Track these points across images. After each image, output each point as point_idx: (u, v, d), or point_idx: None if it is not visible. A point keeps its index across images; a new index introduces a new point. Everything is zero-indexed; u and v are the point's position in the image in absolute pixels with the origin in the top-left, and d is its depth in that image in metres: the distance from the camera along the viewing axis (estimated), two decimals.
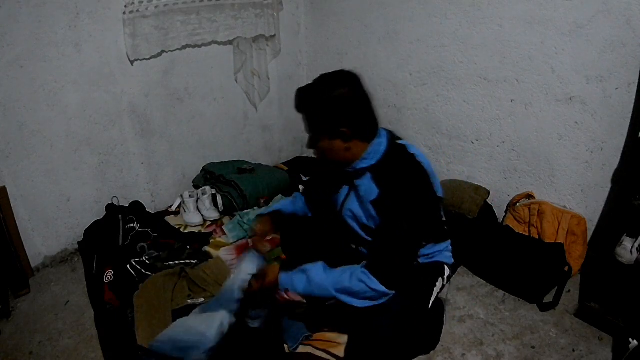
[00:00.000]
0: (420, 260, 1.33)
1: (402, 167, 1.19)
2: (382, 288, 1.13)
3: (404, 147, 1.23)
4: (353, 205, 1.28)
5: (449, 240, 1.37)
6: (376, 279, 1.12)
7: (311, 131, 1.20)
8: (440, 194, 1.24)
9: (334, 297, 1.17)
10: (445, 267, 1.37)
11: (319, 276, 1.19)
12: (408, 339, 1.32)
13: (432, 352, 1.46)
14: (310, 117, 1.18)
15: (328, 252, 1.40)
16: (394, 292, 1.15)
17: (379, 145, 1.20)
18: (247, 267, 1.31)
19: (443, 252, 1.36)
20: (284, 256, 1.56)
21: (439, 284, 1.34)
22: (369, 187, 1.20)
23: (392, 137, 1.26)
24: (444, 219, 1.36)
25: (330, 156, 1.22)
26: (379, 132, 1.23)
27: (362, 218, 1.25)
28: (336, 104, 1.13)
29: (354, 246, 1.37)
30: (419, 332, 1.41)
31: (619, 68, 1.57)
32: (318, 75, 1.20)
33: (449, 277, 1.42)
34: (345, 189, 1.32)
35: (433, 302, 1.36)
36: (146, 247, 1.85)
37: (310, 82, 1.21)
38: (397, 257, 1.16)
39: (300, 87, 1.19)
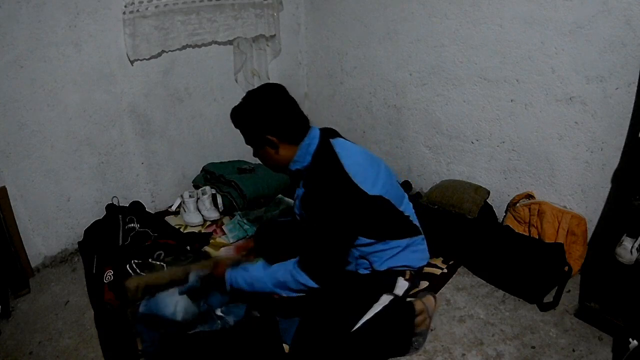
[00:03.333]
0: (374, 258, 1.37)
1: (321, 166, 1.29)
2: (310, 283, 1.25)
3: (330, 147, 1.31)
4: (296, 204, 1.41)
5: (419, 237, 1.41)
6: (305, 273, 1.24)
7: (247, 143, 1.35)
8: (375, 191, 1.27)
9: (273, 291, 1.30)
10: (400, 279, 1.39)
11: (258, 272, 1.33)
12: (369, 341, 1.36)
13: (432, 352, 1.46)
14: (242, 132, 1.33)
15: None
16: (319, 286, 1.26)
17: (307, 146, 1.30)
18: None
19: (405, 250, 1.39)
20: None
21: (383, 299, 1.36)
22: (301, 186, 1.35)
23: (325, 136, 1.34)
24: (406, 214, 1.40)
25: (266, 162, 1.36)
26: (310, 133, 1.31)
27: (302, 215, 1.36)
28: (258, 115, 1.26)
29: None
30: (384, 335, 1.41)
31: (619, 68, 1.57)
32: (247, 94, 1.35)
33: (412, 280, 1.44)
34: (298, 190, 1.43)
35: (402, 304, 1.40)
36: (162, 254, 1.84)
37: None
38: (324, 253, 1.26)
39: (234, 107, 1.33)
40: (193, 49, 2.18)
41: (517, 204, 1.94)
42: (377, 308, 1.35)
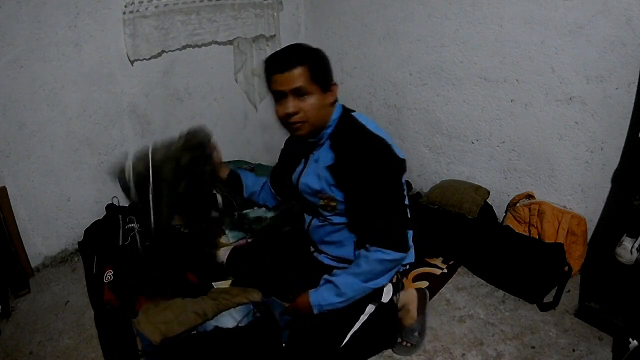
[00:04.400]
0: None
1: (351, 132, 1.22)
2: (393, 255, 1.17)
3: (352, 116, 1.27)
4: (308, 178, 1.29)
5: (402, 254, 1.22)
6: (390, 249, 1.16)
7: (309, 83, 1.15)
8: (401, 155, 1.23)
9: (366, 289, 1.21)
10: (388, 285, 1.32)
11: (343, 278, 1.21)
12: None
13: (432, 352, 1.46)
14: (312, 68, 1.15)
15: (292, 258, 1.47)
16: (404, 253, 1.20)
17: (336, 112, 1.25)
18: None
19: None
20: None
21: (369, 309, 1.31)
22: (325, 153, 1.24)
23: (345, 107, 1.31)
24: (406, 201, 1.29)
25: (316, 114, 1.19)
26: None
27: (325, 189, 1.25)
28: (326, 59, 1.21)
29: (320, 219, 1.35)
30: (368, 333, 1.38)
31: (619, 68, 1.57)
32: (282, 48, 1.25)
33: (398, 283, 1.38)
34: (301, 164, 1.34)
35: (386, 303, 1.35)
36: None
37: None
38: (389, 219, 1.18)
39: (277, 52, 1.22)
40: (193, 49, 2.18)
41: (517, 204, 1.94)
42: (363, 319, 1.31)
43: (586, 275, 1.76)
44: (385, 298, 1.34)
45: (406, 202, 1.31)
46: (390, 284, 1.35)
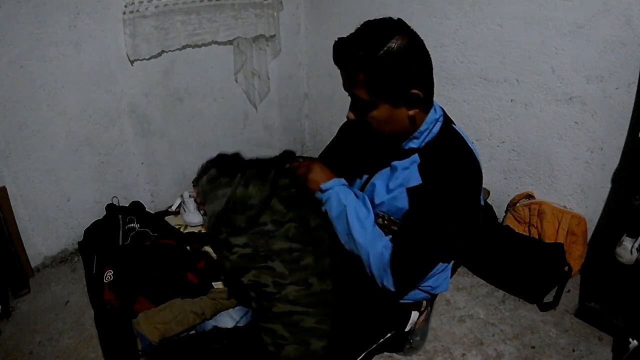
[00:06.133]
0: None
1: (455, 158, 0.95)
2: (389, 284, 0.93)
3: (458, 134, 0.99)
4: (377, 185, 1.03)
5: (452, 262, 1.09)
6: (392, 276, 0.92)
7: (370, 95, 0.89)
8: (482, 201, 1.02)
9: (352, 235, 0.96)
10: (414, 314, 1.18)
11: (364, 210, 0.97)
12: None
13: (432, 352, 1.46)
14: (373, 77, 0.87)
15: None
16: (396, 293, 0.96)
17: (433, 122, 0.97)
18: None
19: (439, 274, 1.09)
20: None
21: (389, 334, 1.19)
22: (411, 173, 0.96)
23: (447, 116, 1.03)
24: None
25: (386, 128, 0.94)
26: (434, 105, 0.99)
27: (390, 210, 1.00)
28: (405, 58, 0.87)
29: None
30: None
31: (619, 68, 1.57)
32: (361, 25, 0.97)
33: (426, 309, 1.23)
34: (378, 166, 1.05)
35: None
36: None
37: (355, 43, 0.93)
38: (420, 261, 0.95)
39: (344, 39, 0.92)
40: (193, 49, 2.18)
41: (517, 204, 1.94)
42: (380, 340, 1.20)
43: (586, 275, 1.76)
44: (409, 327, 1.23)
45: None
46: (418, 312, 1.22)
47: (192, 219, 2.18)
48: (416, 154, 0.98)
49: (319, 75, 2.69)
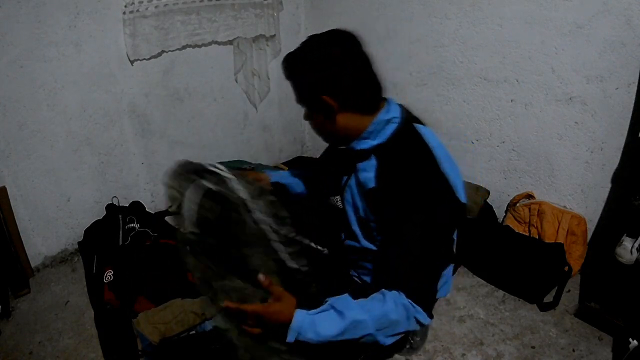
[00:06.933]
0: None
1: (411, 156, 0.95)
2: (425, 319, 0.86)
3: (418, 134, 0.99)
4: (351, 192, 1.05)
5: (428, 319, 0.90)
6: (421, 307, 0.85)
7: (297, 102, 1.00)
8: (464, 199, 0.98)
9: (368, 337, 0.84)
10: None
11: (356, 312, 0.83)
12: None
13: (432, 352, 1.46)
14: (294, 86, 0.98)
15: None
16: (430, 322, 0.89)
17: (386, 122, 0.97)
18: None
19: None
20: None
21: (396, 357, 1.14)
22: (368, 176, 0.97)
23: (407, 114, 1.02)
24: (454, 236, 1.03)
25: (318, 131, 1.02)
26: (388, 105, 1.00)
27: (360, 209, 1.02)
28: (319, 68, 0.92)
29: (342, 236, 1.14)
30: None
31: (619, 68, 1.57)
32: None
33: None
34: (352, 177, 1.07)
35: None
36: None
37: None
38: (430, 276, 0.90)
39: (289, 52, 0.98)
40: (193, 49, 2.18)
41: (517, 204, 1.94)
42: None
43: (586, 275, 1.76)
44: (415, 345, 1.20)
45: (454, 236, 1.04)
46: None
47: None
48: (374, 156, 0.98)
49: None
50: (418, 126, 1.02)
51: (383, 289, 0.87)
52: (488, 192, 2.04)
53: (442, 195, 0.93)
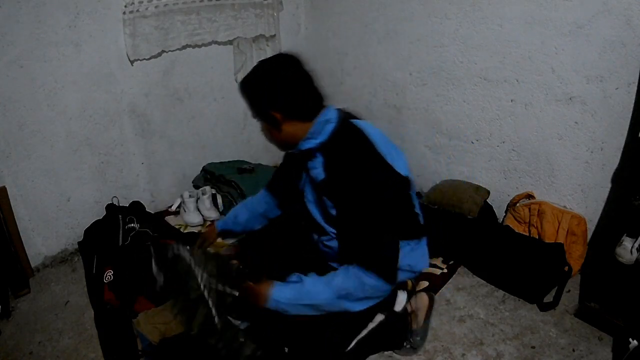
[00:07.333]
0: None
1: (348, 145, 1.13)
2: (382, 283, 1.07)
3: (355, 126, 1.17)
4: (307, 191, 1.24)
5: (424, 238, 1.20)
6: (373, 273, 1.05)
7: (253, 117, 1.20)
8: (405, 172, 1.16)
9: (332, 305, 1.09)
10: (399, 293, 1.28)
11: (313, 283, 1.11)
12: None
13: (432, 352, 1.46)
14: (247, 104, 1.18)
15: (290, 250, 1.40)
16: (391, 285, 1.10)
17: (325, 123, 1.14)
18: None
19: (411, 252, 1.22)
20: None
21: (378, 318, 1.28)
22: (318, 169, 1.16)
23: (345, 115, 1.20)
24: (417, 210, 1.24)
25: (270, 140, 1.22)
26: (326, 110, 1.17)
27: (319, 203, 1.20)
28: (263, 88, 1.12)
29: (316, 237, 1.30)
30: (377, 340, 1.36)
31: (619, 68, 1.57)
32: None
33: (413, 289, 1.34)
34: (303, 175, 1.28)
35: (398, 312, 1.32)
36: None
37: None
38: (384, 246, 1.08)
39: (244, 76, 1.19)
40: (193, 49, 2.18)
41: (517, 204, 1.94)
42: (371, 326, 1.29)
43: (586, 275, 1.76)
44: (398, 307, 1.31)
45: (417, 210, 1.26)
46: (405, 292, 1.32)
47: (192, 219, 2.18)
48: (319, 154, 1.15)
49: (319, 75, 2.67)
50: (355, 121, 1.20)
51: (336, 271, 1.10)
52: (488, 192, 2.04)
53: (382, 173, 1.10)
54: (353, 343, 1.27)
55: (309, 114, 1.14)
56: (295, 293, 1.11)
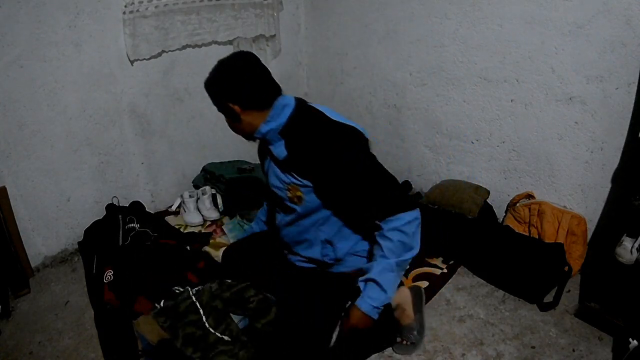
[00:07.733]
0: (339, 244, 1.33)
1: (306, 121, 1.23)
2: (412, 214, 1.17)
3: (312, 107, 1.27)
4: (271, 175, 1.34)
5: (415, 211, 1.19)
6: (400, 213, 1.16)
7: (218, 111, 1.27)
8: (367, 135, 1.24)
9: (403, 261, 1.20)
10: None
11: (376, 269, 1.20)
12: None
13: (432, 352, 1.46)
14: (212, 101, 1.26)
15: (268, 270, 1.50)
16: (416, 207, 1.19)
17: (283, 107, 1.23)
18: None
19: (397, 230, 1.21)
20: None
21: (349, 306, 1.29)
22: (280, 150, 1.25)
23: (300, 100, 1.28)
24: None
25: (233, 129, 1.30)
26: (282, 96, 1.25)
27: (290, 180, 1.26)
28: (220, 83, 1.21)
29: (289, 215, 1.36)
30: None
31: (619, 68, 1.57)
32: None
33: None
34: (268, 160, 1.36)
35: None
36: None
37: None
38: (382, 190, 1.18)
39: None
40: (193, 49, 2.18)
41: (517, 204, 1.94)
42: (343, 314, 1.29)
43: (586, 275, 1.76)
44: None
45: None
46: None
47: (192, 219, 2.18)
48: (280, 136, 1.24)
49: (319, 75, 2.69)
50: (312, 104, 1.28)
51: (375, 248, 1.22)
52: (488, 192, 2.04)
53: (352, 137, 1.20)
54: (334, 337, 1.27)
55: (264, 103, 1.22)
56: (378, 289, 1.20)
